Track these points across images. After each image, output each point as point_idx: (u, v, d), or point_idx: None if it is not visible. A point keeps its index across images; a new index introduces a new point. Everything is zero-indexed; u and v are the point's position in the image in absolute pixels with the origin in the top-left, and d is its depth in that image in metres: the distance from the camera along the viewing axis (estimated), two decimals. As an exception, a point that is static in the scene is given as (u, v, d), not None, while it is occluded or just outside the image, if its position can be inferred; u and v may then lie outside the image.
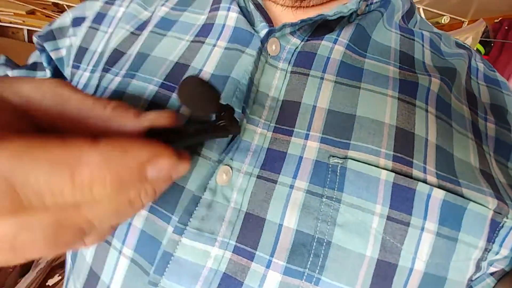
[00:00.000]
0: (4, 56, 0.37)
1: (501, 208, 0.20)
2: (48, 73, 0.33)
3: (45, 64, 0.33)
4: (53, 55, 0.32)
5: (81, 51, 0.29)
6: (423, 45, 0.26)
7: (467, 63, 0.26)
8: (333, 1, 0.25)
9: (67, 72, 0.30)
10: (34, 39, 0.33)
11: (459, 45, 0.29)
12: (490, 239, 0.20)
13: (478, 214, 0.20)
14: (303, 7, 0.24)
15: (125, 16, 0.28)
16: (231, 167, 0.20)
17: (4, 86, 0.13)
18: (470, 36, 1.66)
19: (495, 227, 0.20)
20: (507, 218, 0.20)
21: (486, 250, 0.20)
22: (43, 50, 0.33)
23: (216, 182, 0.20)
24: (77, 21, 0.31)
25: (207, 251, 0.19)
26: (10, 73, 0.34)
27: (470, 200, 0.20)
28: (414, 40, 0.26)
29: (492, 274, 0.23)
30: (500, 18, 2.01)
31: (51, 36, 0.32)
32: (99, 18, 0.30)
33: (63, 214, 0.11)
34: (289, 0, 0.23)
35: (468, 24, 2.36)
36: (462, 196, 0.20)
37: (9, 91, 0.13)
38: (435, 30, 0.29)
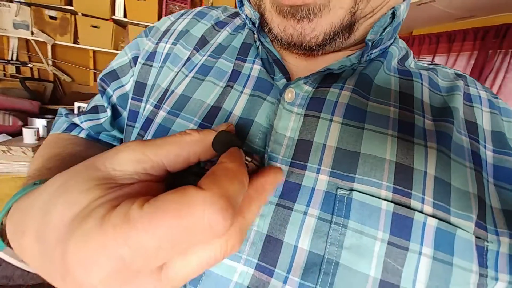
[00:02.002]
0: (63, 108, 0.42)
1: (477, 233, 0.22)
2: (108, 112, 0.38)
3: (105, 104, 0.37)
4: (118, 93, 0.37)
5: (139, 86, 0.34)
6: (422, 84, 0.29)
7: (462, 95, 0.29)
8: (339, 51, 0.28)
9: (130, 104, 0.35)
10: (98, 80, 0.38)
11: (458, 75, 0.32)
12: (482, 264, 0.22)
13: (465, 240, 0.22)
14: (314, 55, 0.28)
15: (173, 57, 0.33)
16: None
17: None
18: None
19: (481, 252, 0.22)
20: (487, 242, 0.22)
21: (483, 276, 0.22)
22: (103, 91, 0.38)
23: None
24: (135, 60, 0.36)
25: (234, 267, 0.23)
26: (77, 119, 0.39)
27: (458, 227, 0.22)
28: (412, 80, 0.29)
29: None
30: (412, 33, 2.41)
31: (116, 75, 0.37)
32: (151, 56, 0.35)
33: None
34: (302, 50, 0.27)
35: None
36: (449, 223, 0.22)
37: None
38: (430, 66, 0.32)
